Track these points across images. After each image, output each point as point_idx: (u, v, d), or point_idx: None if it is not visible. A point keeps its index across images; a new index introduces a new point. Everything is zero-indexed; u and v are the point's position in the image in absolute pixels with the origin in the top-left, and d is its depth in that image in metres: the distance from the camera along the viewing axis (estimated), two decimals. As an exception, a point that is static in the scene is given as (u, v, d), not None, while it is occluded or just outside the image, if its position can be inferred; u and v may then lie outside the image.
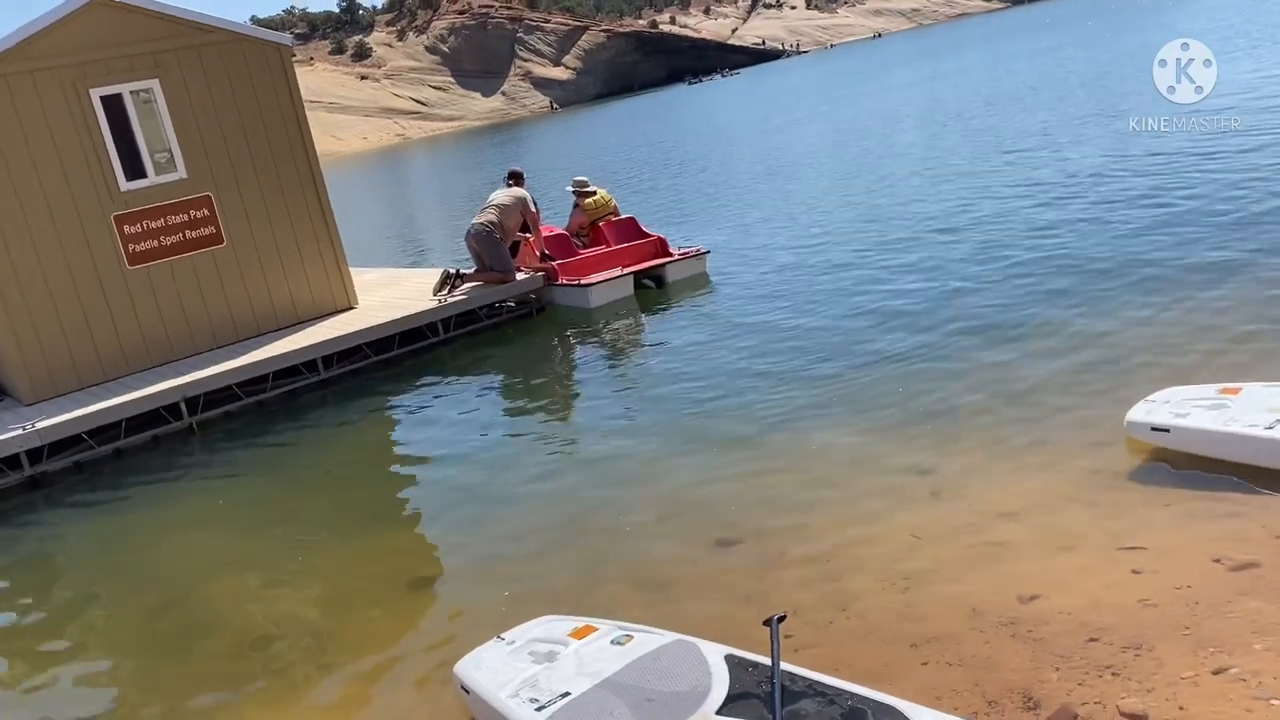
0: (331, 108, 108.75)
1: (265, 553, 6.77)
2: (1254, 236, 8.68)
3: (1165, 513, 4.71)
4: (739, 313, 10.11)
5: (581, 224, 12.88)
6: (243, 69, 10.57)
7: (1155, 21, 38.65)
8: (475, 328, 11.24)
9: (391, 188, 46.05)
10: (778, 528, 5.44)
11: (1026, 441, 5.77)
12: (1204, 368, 6.13)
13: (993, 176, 14.41)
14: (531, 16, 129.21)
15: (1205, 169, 11.74)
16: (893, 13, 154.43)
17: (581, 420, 8.24)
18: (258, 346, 10.30)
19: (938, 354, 7.57)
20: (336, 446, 8.85)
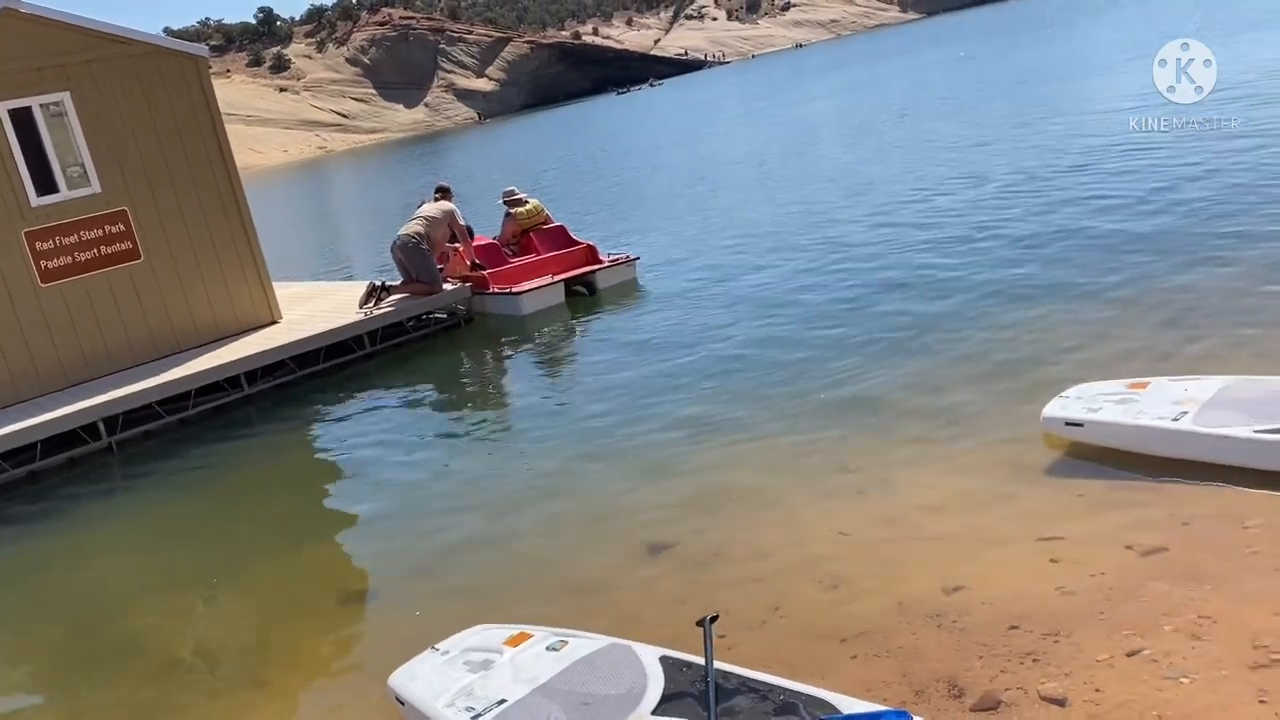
0: (250, 120, 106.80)
1: (191, 572, 6.63)
2: (1161, 241, 9.02)
3: (1080, 503, 4.88)
4: (668, 319, 10.19)
5: (513, 233, 12.89)
6: (158, 81, 10.36)
7: (1060, 34, 39.93)
8: (402, 340, 11.15)
9: (314, 200, 45.38)
10: (709, 531, 5.50)
11: (948, 439, 5.92)
12: (1115, 364, 6.35)
13: (911, 183, 14.75)
14: (454, 28, 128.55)
15: (1121, 176, 12.17)
16: (812, 24, 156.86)
17: (511, 430, 8.23)
18: (179, 363, 10.08)
19: (862, 356, 7.73)
20: (262, 463, 8.71)
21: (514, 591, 5.35)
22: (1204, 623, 3.72)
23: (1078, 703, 3.47)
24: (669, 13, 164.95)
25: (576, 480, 6.63)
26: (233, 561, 6.67)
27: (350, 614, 5.67)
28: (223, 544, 7.04)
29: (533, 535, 5.97)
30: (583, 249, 12.51)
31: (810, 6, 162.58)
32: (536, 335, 10.89)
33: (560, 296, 11.70)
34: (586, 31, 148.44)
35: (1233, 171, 10.89)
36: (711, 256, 12.71)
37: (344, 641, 5.37)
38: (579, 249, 12.52)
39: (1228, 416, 4.86)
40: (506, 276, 11.92)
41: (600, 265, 12.13)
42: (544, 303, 11.52)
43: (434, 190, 12.43)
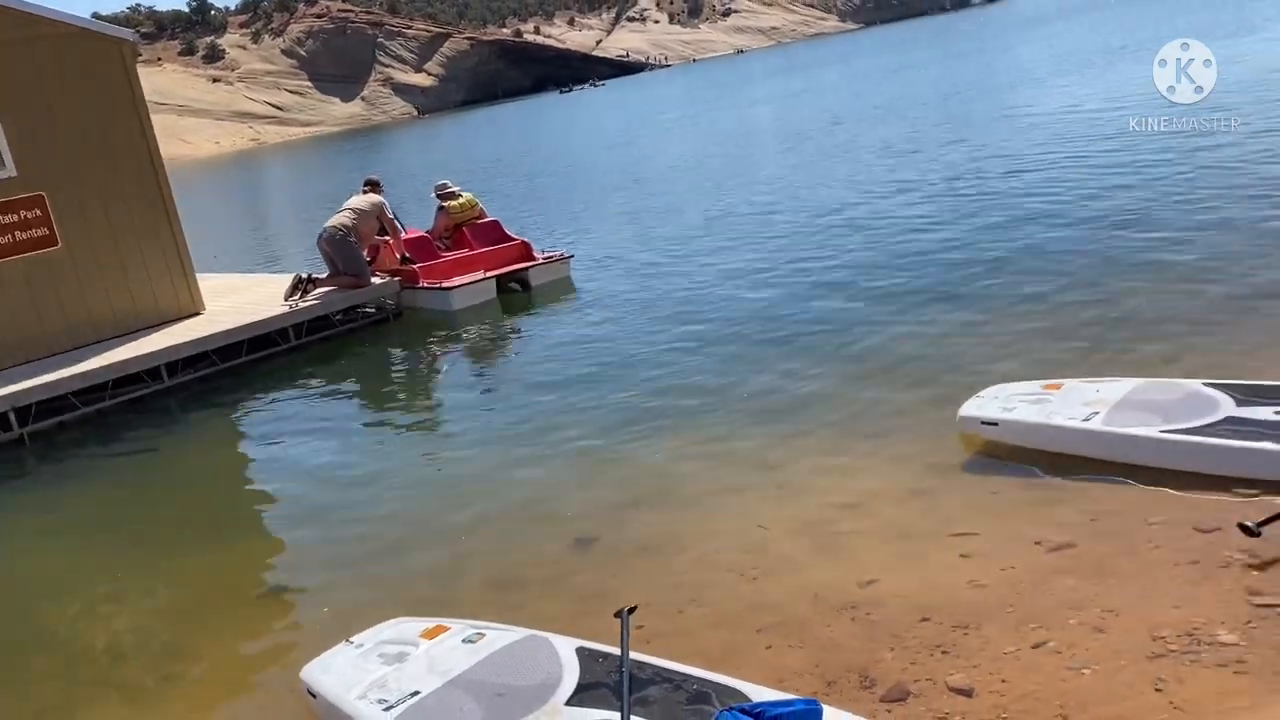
0: (181, 110, 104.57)
1: (103, 566, 6.46)
2: (1085, 246, 9.24)
3: (993, 500, 4.99)
4: (600, 318, 10.19)
5: (446, 227, 12.73)
6: (80, 65, 10.10)
7: (992, 46, 40.78)
8: (328, 334, 10.99)
9: (244, 192, 44.55)
10: (633, 525, 5.52)
11: (867, 434, 6.02)
12: (1033, 366, 6.49)
13: (842, 188, 14.95)
14: (392, 22, 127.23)
15: (1051, 184, 12.46)
16: (753, 30, 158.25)
17: (438, 426, 8.16)
18: (97, 353, 9.82)
19: (788, 355, 7.81)
20: (180, 457, 8.52)
21: (435, 585, 5.30)
22: (1107, 616, 3.82)
23: (984, 693, 3.54)
24: (611, 14, 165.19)
25: (502, 475, 6.59)
26: (147, 556, 6.52)
27: (267, 608, 5.57)
28: (137, 538, 6.88)
29: (456, 529, 5.92)
30: (517, 245, 12.39)
31: (751, 13, 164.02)
32: (466, 331, 10.81)
33: (492, 293, 11.60)
34: (528, 30, 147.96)
35: (1164, 180, 11.22)
36: (646, 256, 12.73)
37: (259, 636, 5.27)
38: (513, 245, 12.40)
39: (1136, 417, 5.00)
40: (437, 271, 11.78)
41: (534, 262, 12.04)
42: (475, 298, 11.41)
43: (363, 183, 12.26)
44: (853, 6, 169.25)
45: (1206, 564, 4.02)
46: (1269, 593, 3.73)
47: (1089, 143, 14.68)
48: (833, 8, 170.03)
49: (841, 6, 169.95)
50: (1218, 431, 4.71)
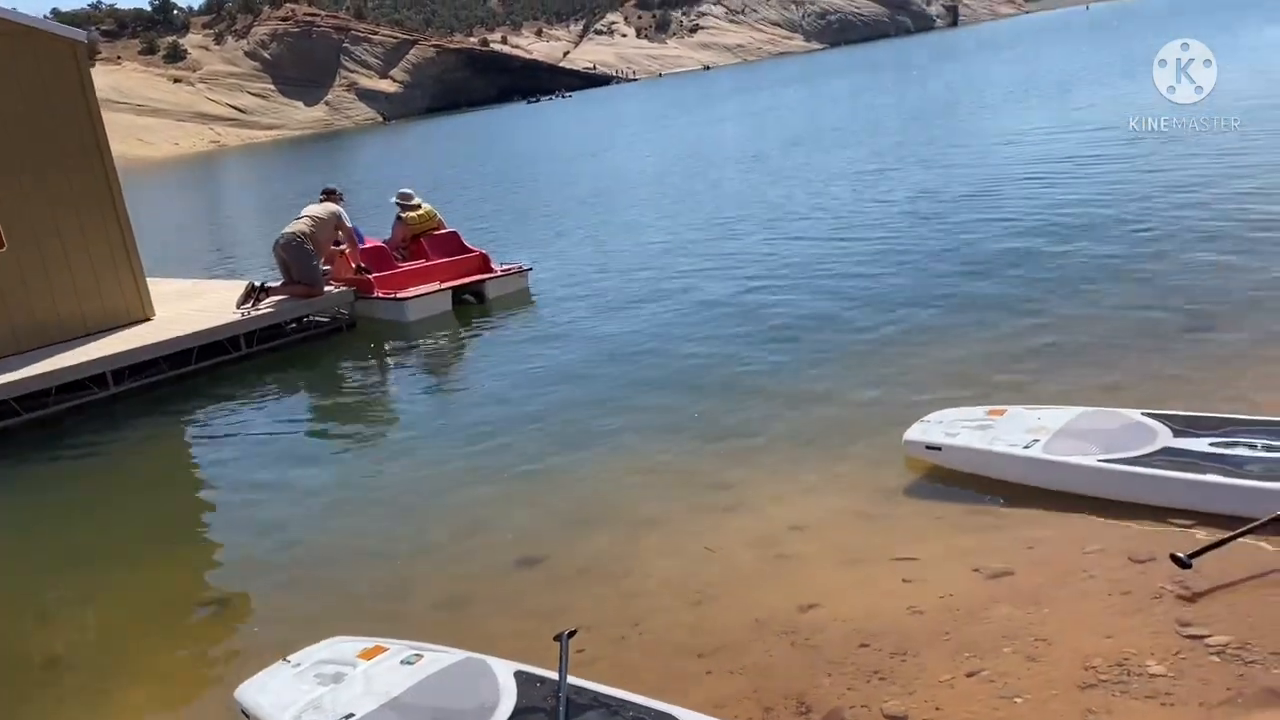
0: (140, 110, 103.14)
1: (38, 577, 6.33)
2: (1039, 272, 9.36)
3: (936, 525, 5.03)
4: (556, 332, 10.18)
5: (404, 237, 12.69)
6: (31, 64, 9.93)
7: (950, 70, 41.38)
8: (281, 343, 10.87)
9: (202, 196, 44.01)
10: (579, 545, 5.50)
11: (815, 458, 6.05)
12: (982, 391, 6.57)
13: (799, 207, 15.07)
14: (358, 27, 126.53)
15: (998, 206, 12.64)
16: (720, 47, 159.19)
17: (387, 440, 8.09)
18: (42, 359, 9.63)
19: (739, 375, 7.85)
20: (123, 466, 8.37)
21: (376, 604, 5.25)
22: (1040, 645, 3.86)
23: (918, 720, 3.57)
24: (579, 26, 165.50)
25: (449, 492, 6.55)
26: (83, 566, 6.39)
27: (204, 623, 5.48)
28: (75, 548, 6.75)
29: (400, 547, 5.87)
30: (475, 257, 12.38)
31: (718, 30, 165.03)
32: (420, 343, 10.74)
33: (448, 304, 11.55)
34: (495, 39, 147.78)
35: (1118, 207, 11.43)
36: (603, 272, 12.75)
37: (195, 652, 5.19)
38: (471, 257, 12.38)
39: (1075, 445, 5.07)
40: (393, 281, 11.72)
41: (491, 274, 12.01)
42: (430, 310, 11.35)
43: (320, 191, 12.16)
44: (818, 27, 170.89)
45: (1139, 594, 4.08)
46: (1197, 624, 3.79)
47: (1043, 167, 14.94)
48: (798, 28, 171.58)
49: (807, 27, 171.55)
50: (1154, 462, 4.79)
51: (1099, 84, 25.47)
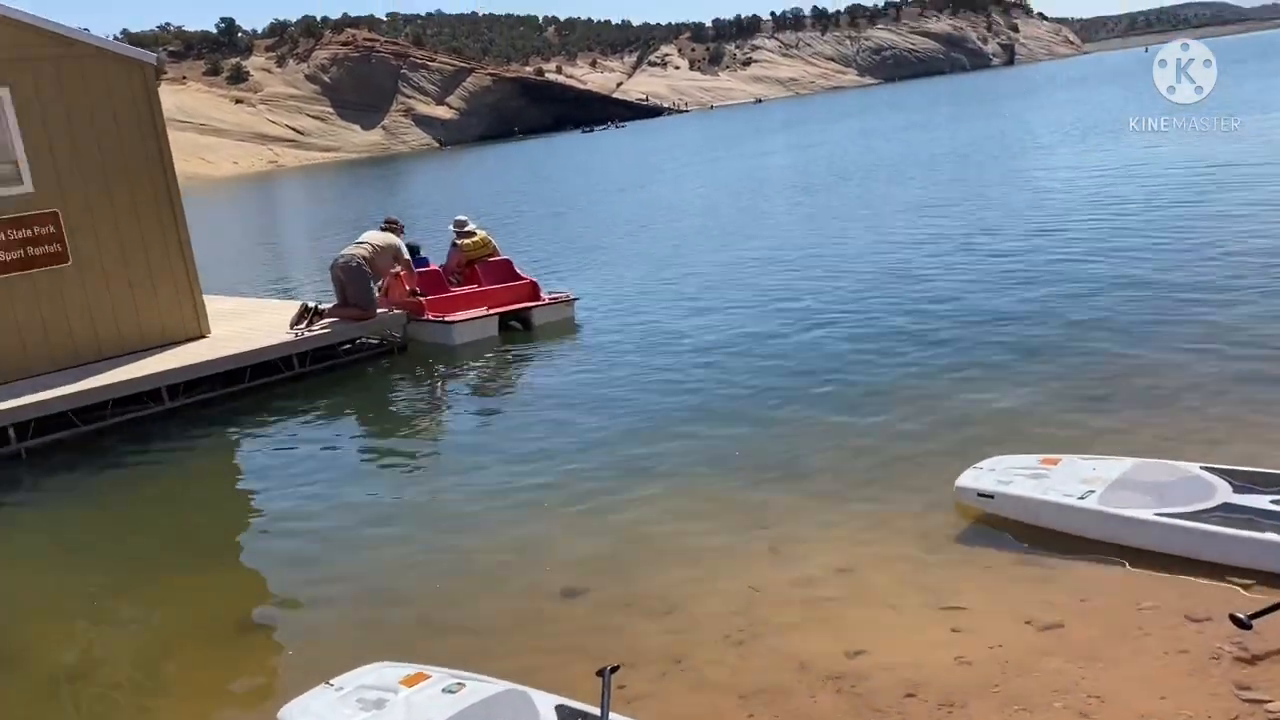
0: (203, 129, 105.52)
1: (90, 589, 6.42)
2: (1098, 318, 9.22)
3: (985, 575, 4.95)
4: (600, 361, 10.21)
5: (459, 262, 13.00)
6: (103, 85, 10.21)
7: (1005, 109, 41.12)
8: (332, 364, 11.01)
9: (259, 215, 44.84)
10: (623, 579, 5.48)
11: (864, 501, 5.98)
12: (1030, 439, 6.47)
13: (849, 243, 15.02)
14: (417, 54, 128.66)
15: (1059, 246, 12.51)
16: (772, 80, 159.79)
17: (432, 463, 8.14)
18: (99, 372, 9.83)
19: (789, 412, 7.80)
20: (175, 481, 8.50)
21: (418, 629, 5.26)
22: (1093, 701, 3.78)
23: (965, 775, 3.50)
24: (633, 58, 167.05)
25: (492, 518, 6.56)
26: (134, 581, 6.49)
27: (248, 643, 5.53)
28: (126, 562, 6.85)
29: (443, 572, 5.89)
30: (525, 284, 12.59)
31: (771, 64, 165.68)
32: (469, 368, 10.83)
33: (493, 330, 11.72)
34: (550, 69, 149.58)
35: (1174, 249, 11.26)
36: (651, 302, 12.79)
37: (238, 671, 5.22)
38: (521, 284, 12.59)
39: (1131, 498, 4.97)
40: (443, 305, 11.96)
41: (537, 303, 12.20)
42: (476, 334, 11.55)
43: (383, 220, 12.41)
44: (872, 62, 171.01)
45: (1196, 654, 3.98)
46: (1257, 688, 3.68)
47: (1102, 207, 14.76)
48: (852, 62, 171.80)
49: (861, 62, 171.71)
50: (1213, 518, 4.68)
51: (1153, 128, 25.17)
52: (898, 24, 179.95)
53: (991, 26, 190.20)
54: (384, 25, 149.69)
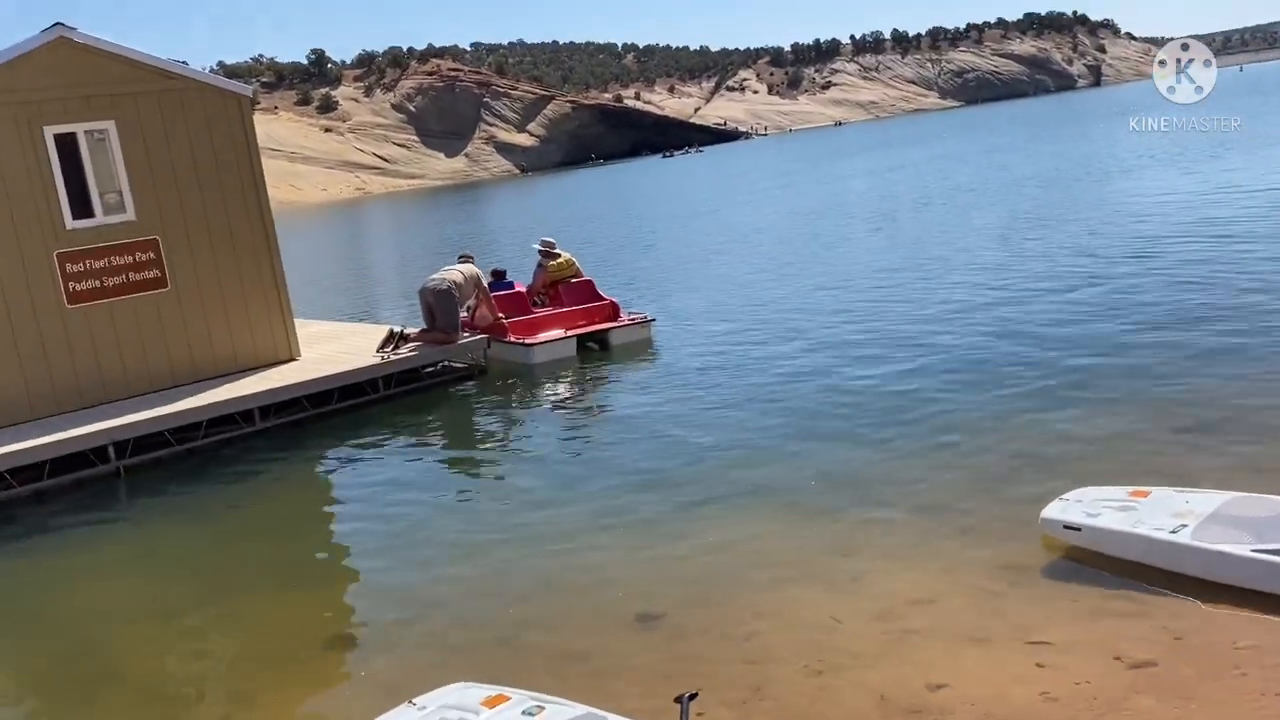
0: (293, 157, 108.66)
1: (181, 604, 6.64)
2: (1188, 348, 8.97)
3: (1072, 609, 4.84)
4: (677, 383, 10.27)
5: (544, 283, 13.30)
6: (201, 116, 10.62)
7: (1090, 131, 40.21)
8: (416, 387, 11.24)
9: (347, 241, 45.96)
10: (701, 605, 5.48)
11: (946, 531, 5.90)
12: (1119, 470, 6.32)
13: (931, 271, 14.83)
14: (499, 83, 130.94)
15: (1142, 274, 12.20)
16: (851, 104, 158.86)
17: (513, 487, 8.23)
18: (194, 393, 10.18)
19: (871, 439, 7.73)
20: (264, 499, 8.75)
21: (499, 651, 5.33)
22: (1187, 743, 3.67)
23: (1051, 815, 3.42)
24: (711, 83, 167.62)
25: (571, 542, 6.61)
26: (224, 596, 6.68)
27: (334, 659, 5.65)
28: (217, 578, 7.06)
29: (524, 595, 5.95)
30: (605, 305, 12.91)
31: (851, 87, 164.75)
32: (548, 391, 10.97)
33: (572, 350, 12.01)
34: (629, 95, 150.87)
35: (1270, 274, 10.89)
36: (727, 324, 12.82)
37: (322, 687, 5.35)
38: (602, 305, 12.91)
39: (1226, 533, 4.82)
40: (524, 327, 12.26)
41: (615, 324, 12.48)
42: (556, 354, 11.89)
43: (459, 256, 12.67)
44: (954, 85, 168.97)
45: (1297, 697, 3.84)
46: (1364, 734, 3.54)
47: (1195, 233, 14.36)
48: (934, 85, 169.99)
49: (942, 84, 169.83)
50: (1314, 555, 4.52)
51: (1252, 150, 24.42)
52: (980, 46, 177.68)
53: (1077, 47, 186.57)
54: (468, 55, 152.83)
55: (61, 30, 9.77)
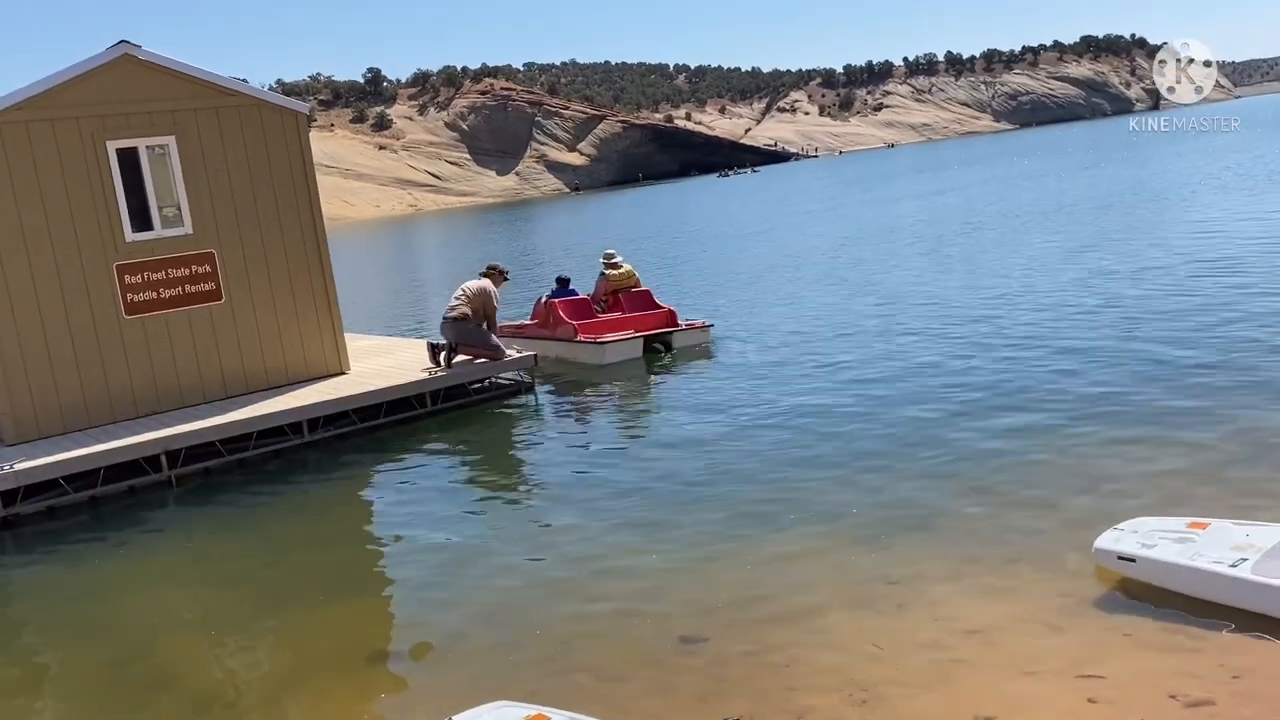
0: (347, 174, 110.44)
1: (229, 613, 6.71)
2: (1249, 376, 8.76)
3: (1126, 642, 4.71)
4: (731, 399, 10.28)
5: (605, 291, 14.18)
6: (258, 133, 10.81)
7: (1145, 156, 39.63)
8: (464, 403, 11.30)
9: (398, 257, 46.51)
10: (743, 628, 5.42)
11: (996, 559, 5.78)
12: (1176, 500, 6.17)
13: (986, 293, 14.64)
14: (551, 102, 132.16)
15: (1190, 303, 11.94)
16: (904, 125, 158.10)
17: (559, 502, 8.21)
18: (245, 404, 10.33)
19: (921, 462, 7.62)
20: (311, 511, 8.83)
21: (540, 669, 5.30)
22: (1246, 786, 3.54)
23: None
24: (762, 104, 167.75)
25: (618, 561, 6.59)
26: (270, 607, 6.73)
27: (377, 673, 5.66)
28: (263, 588, 7.12)
29: (567, 613, 5.93)
30: (664, 312, 13.74)
31: (903, 109, 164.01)
32: (595, 407, 11.02)
33: (639, 351, 12.85)
34: (679, 115, 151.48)
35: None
36: (783, 342, 12.85)
37: (365, 702, 5.35)
38: (660, 312, 13.76)
39: (1289, 568, 4.67)
40: (594, 328, 13.25)
41: (678, 327, 13.32)
42: (625, 354, 12.72)
43: (482, 270, 12.50)
44: (1008, 108, 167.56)
45: (1363, 741, 3.69)
46: None
47: (1243, 263, 14.03)
48: (987, 108, 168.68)
49: (996, 107, 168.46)
50: (1381, 593, 4.36)
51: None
52: (1035, 69, 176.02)
53: (1135, 70, 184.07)
54: (521, 74, 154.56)
55: (126, 48, 10.02)
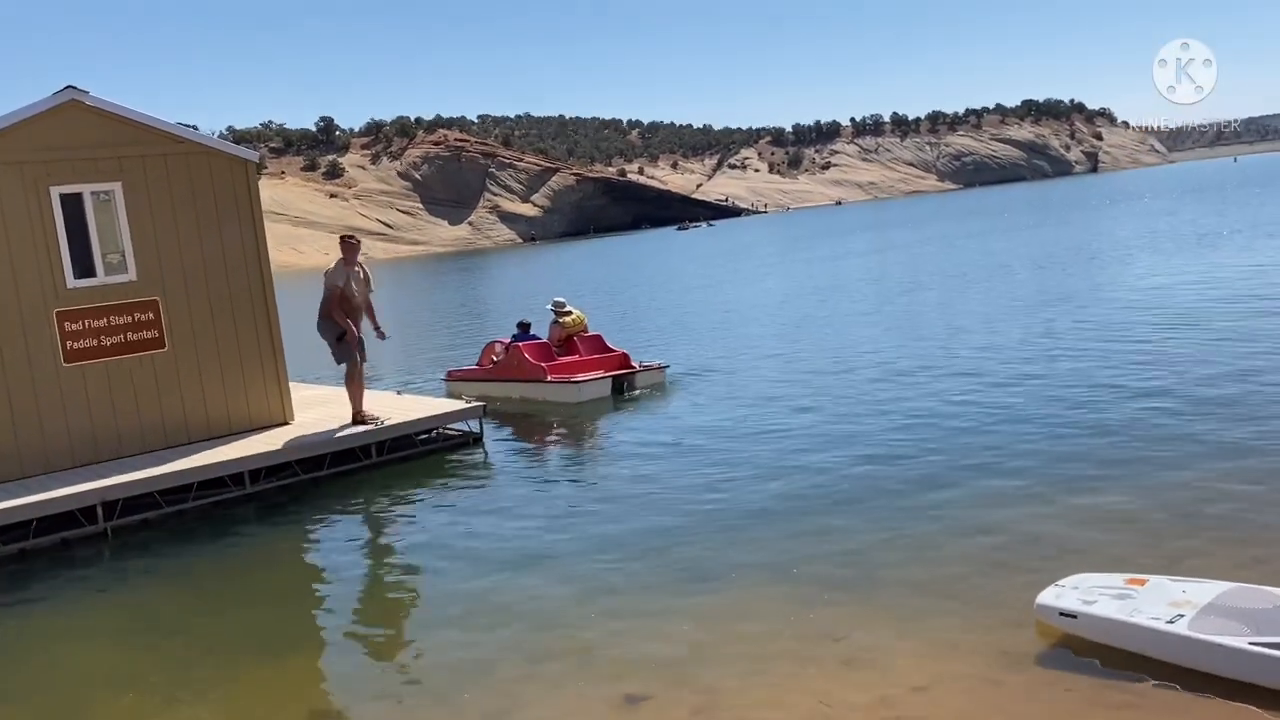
0: (297, 221, 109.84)
1: (159, 671, 6.50)
2: (1186, 434, 8.95)
3: (1068, 698, 4.74)
4: (679, 448, 10.40)
5: (559, 337, 14.88)
6: (206, 180, 10.72)
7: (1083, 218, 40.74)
8: (410, 453, 11.18)
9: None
10: (689, 685, 5.37)
11: (941, 615, 5.81)
12: (1116, 556, 6.25)
13: (926, 347, 14.88)
14: (505, 154, 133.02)
15: (1147, 364, 12.22)
16: (851, 184, 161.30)
17: (502, 558, 8.09)
18: (186, 454, 10.12)
19: (864, 516, 7.67)
20: (251, 565, 8.63)
21: (482, 728, 5.20)
22: (1184, 844, 3.57)
23: None
24: (714, 160, 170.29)
25: (563, 615, 6.51)
26: (205, 664, 6.54)
27: (313, 733, 5.52)
28: (198, 645, 6.92)
29: (510, 669, 5.83)
30: (618, 355, 14.48)
31: (850, 168, 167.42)
32: (542, 458, 10.94)
33: (607, 390, 13.57)
34: (632, 170, 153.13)
35: (1267, 368, 10.93)
36: (741, 389, 13.03)
37: (302, 762, 5.21)
38: (615, 354, 14.50)
39: (1225, 624, 4.75)
40: (563, 369, 13.99)
41: (638, 369, 14.02)
42: (597, 393, 13.47)
43: None
44: (952, 168, 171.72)
45: (1297, 798, 3.74)
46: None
47: (1197, 322, 14.43)
48: (932, 168, 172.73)
49: (941, 167, 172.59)
50: (1314, 650, 4.44)
51: (1247, 247, 24.69)
52: (978, 131, 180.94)
53: (1075, 134, 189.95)
54: (475, 126, 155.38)
55: (73, 93, 9.93)
